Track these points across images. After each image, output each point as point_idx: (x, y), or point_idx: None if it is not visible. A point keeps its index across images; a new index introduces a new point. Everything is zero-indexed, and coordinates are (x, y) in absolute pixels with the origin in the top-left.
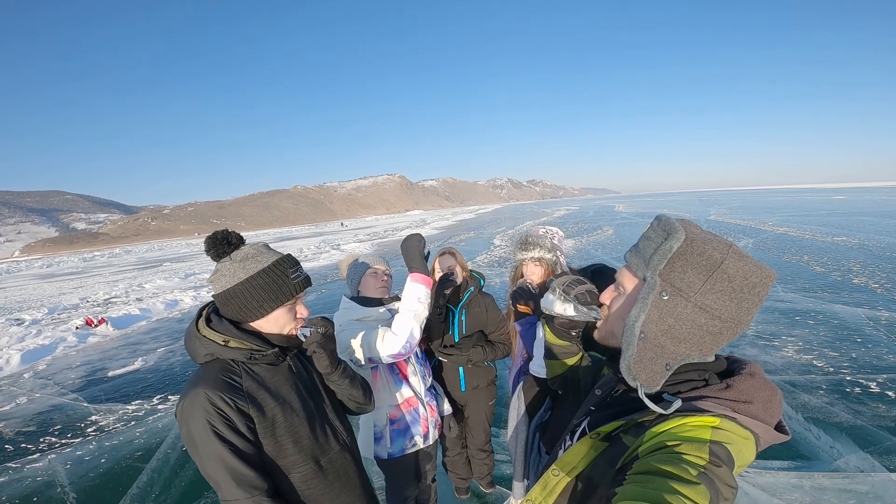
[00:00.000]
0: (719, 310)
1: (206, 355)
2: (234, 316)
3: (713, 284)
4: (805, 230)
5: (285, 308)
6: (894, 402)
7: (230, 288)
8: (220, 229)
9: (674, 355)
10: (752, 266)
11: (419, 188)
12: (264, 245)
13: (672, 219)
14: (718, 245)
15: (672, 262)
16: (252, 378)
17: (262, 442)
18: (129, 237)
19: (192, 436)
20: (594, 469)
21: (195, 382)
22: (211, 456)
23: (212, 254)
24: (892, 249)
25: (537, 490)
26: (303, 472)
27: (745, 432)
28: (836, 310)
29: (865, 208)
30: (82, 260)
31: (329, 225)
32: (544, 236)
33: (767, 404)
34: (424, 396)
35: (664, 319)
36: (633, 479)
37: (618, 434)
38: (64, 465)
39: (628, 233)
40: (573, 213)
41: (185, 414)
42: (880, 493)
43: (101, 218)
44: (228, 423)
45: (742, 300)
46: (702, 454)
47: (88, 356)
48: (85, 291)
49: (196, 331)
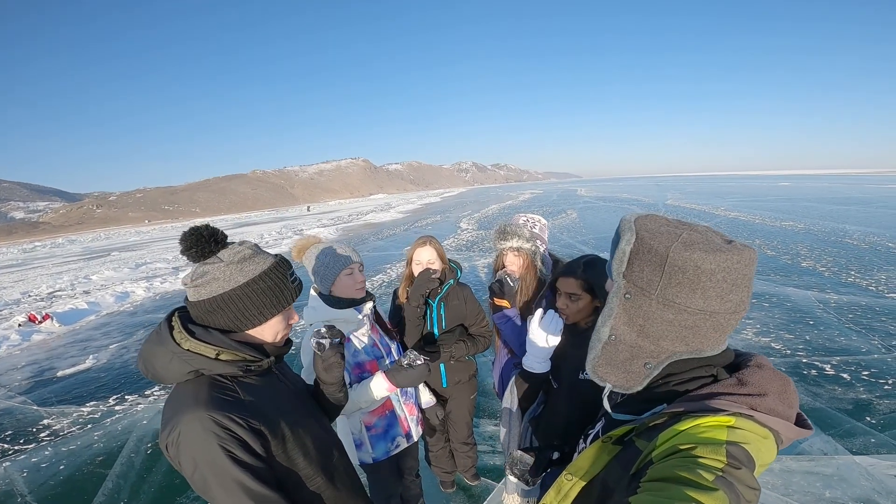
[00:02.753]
0: (683, 303)
1: (189, 373)
2: (227, 324)
3: (669, 278)
4: (755, 215)
5: (282, 314)
6: (849, 385)
7: (225, 293)
8: (199, 224)
9: (654, 354)
10: (702, 253)
11: (383, 172)
12: (255, 244)
13: (627, 219)
14: (665, 238)
15: (630, 263)
16: (249, 392)
17: (275, 460)
18: (73, 226)
19: (201, 469)
20: (609, 474)
21: (188, 405)
22: (229, 486)
23: (193, 253)
24: (836, 234)
25: (552, 494)
26: (316, 484)
27: (764, 430)
28: (789, 292)
29: (809, 194)
30: (22, 251)
31: (291, 210)
32: (523, 225)
33: (782, 395)
34: (400, 396)
35: (634, 320)
36: (648, 488)
37: (630, 438)
38: (21, 473)
39: (592, 216)
40: (538, 197)
41: (188, 444)
42: (845, 475)
43: (42, 206)
44: (243, 445)
45: (705, 289)
46: (718, 457)
47: (34, 355)
48: (26, 285)
49: (174, 346)
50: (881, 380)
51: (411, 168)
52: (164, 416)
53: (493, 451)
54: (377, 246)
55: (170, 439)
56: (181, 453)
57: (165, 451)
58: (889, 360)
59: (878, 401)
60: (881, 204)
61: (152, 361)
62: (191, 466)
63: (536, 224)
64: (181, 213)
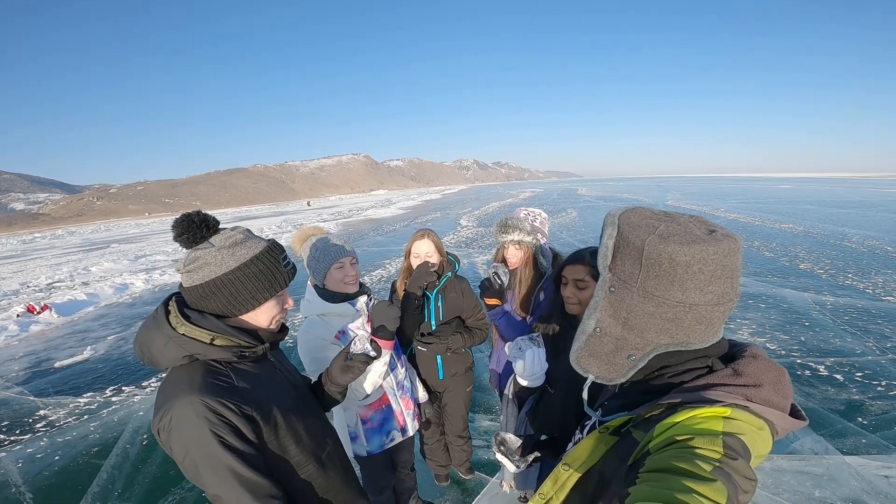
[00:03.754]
0: (663, 295)
1: (184, 357)
2: (220, 309)
3: (648, 271)
4: (755, 217)
5: (275, 299)
6: (842, 386)
7: (217, 278)
8: (192, 210)
9: (638, 346)
10: (677, 245)
11: (384, 168)
12: (246, 229)
13: (612, 213)
14: (641, 231)
15: (614, 257)
16: (243, 378)
17: (266, 446)
18: (73, 218)
19: (192, 454)
20: (605, 464)
21: (182, 389)
22: (220, 471)
23: (185, 239)
24: (834, 237)
25: (549, 484)
26: (307, 471)
27: (759, 421)
28: (786, 294)
29: (809, 197)
30: (22, 242)
31: (291, 204)
32: (524, 219)
33: (777, 385)
34: (397, 391)
35: (618, 313)
36: (646, 478)
37: (627, 429)
38: (15, 464)
39: (591, 216)
40: (538, 196)
41: (180, 429)
42: (835, 475)
43: (42, 198)
44: (235, 431)
45: (682, 281)
46: (715, 447)
47: (32, 346)
48: (25, 276)
49: (170, 330)
50: (874, 381)
51: (412, 164)
52: (157, 400)
53: (487, 445)
54: (377, 241)
55: (161, 424)
56: (172, 439)
57: (157, 435)
58: (883, 361)
59: (871, 402)
60: (881, 208)
61: (148, 345)
62: (182, 452)
63: (537, 218)
64: (181, 206)
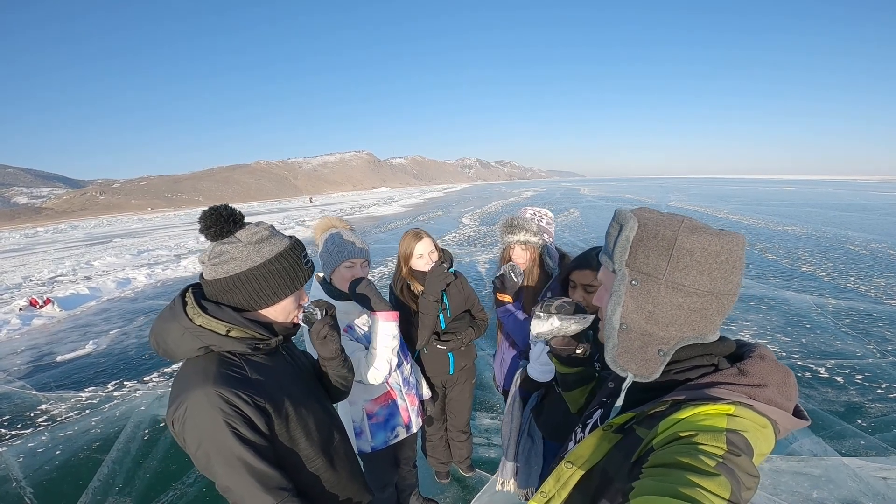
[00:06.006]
0: (692, 285)
1: (200, 349)
2: (241, 303)
3: (677, 262)
4: (758, 218)
5: (293, 295)
6: (842, 388)
7: (242, 272)
8: (219, 204)
9: (665, 340)
10: (707, 236)
11: (387, 166)
12: (270, 225)
13: (625, 210)
14: (670, 223)
15: (634, 251)
16: (256, 370)
17: (277, 439)
18: (76, 212)
19: (204, 446)
20: (609, 462)
21: (197, 380)
22: (232, 462)
23: (212, 232)
24: (837, 240)
25: (551, 482)
26: (316, 465)
27: (762, 420)
28: (787, 296)
29: (812, 200)
30: (24, 236)
31: (293, 201)
32: (530, 219)
33: (782, 387)
34: (403, 387)
35: (643, 307)
36: (650, 473)
37: (630, 426)
38: (16, 458)
39: (594, 216)
40: (541, 195)
41: (194, 419)
42: (833, 476)
43: (45, 192)
44: (248, 422)
45: (711, 270)
46: (719, 444)
47: (34, 340)
48: (28, 270)
49: (187, 321)
50: (874, 383)
51: (415, 162)
52: (172, 391)
53: (488, 443)
54: (379, 238)
55: (176, 415)
56: (187, 429)
57: (171, 426)
58: (883, 364)
59: (870, 404)
60: (884, 211)
61: (164, 336)
62: (195, 443)
63: (543, 217)
64: (184, 202)
